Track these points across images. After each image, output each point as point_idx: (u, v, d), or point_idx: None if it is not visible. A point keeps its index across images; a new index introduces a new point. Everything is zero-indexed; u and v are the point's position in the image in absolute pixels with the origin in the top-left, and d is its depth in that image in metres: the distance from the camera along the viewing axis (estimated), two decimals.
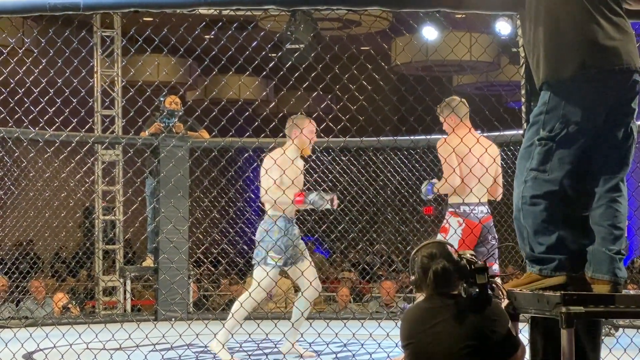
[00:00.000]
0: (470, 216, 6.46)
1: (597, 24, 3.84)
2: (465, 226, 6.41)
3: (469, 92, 17.26)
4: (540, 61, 3.95)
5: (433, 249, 3.84)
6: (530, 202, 3.90)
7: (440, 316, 3.71)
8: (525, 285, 3.90)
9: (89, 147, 10.05)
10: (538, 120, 3.94)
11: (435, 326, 3.70)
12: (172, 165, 8.78)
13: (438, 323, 3.70)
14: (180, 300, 9.81)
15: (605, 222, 3.89)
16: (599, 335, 4.12)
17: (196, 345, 6.65)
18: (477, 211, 6.47)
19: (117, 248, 11.25)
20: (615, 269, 3.84)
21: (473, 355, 3.63)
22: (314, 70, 5.98)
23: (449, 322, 3.69)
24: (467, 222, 6.44)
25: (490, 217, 6.61)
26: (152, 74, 12.46)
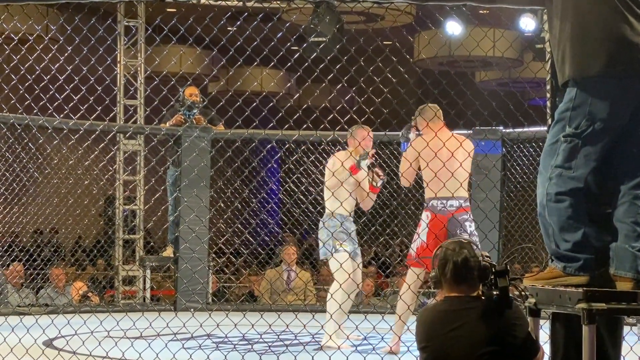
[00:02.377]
0: (440, 210, 6.71)
1: (625, 20, 3.82)
2: (432, 219, 6.72)
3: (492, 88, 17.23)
4: (566, 57, 3.93)
5: (457, 244, 3.81)
6: (555, 199, 3.89)
7: (460, 319, 3.66)
8: (547, 280, 3.89)
9: (112, 136, 10.09)
10: (564, 117, 3.92)
11: (455, 330, 3.64)
12: (194, 155, 8.79)
13: (457, 327, 3.64)
14: (200, 290, 9.84)
15: (628, 220, 3.88)
16: (620, 332, 4.11)
17: (216, 335, 6.68)
18: (448, 205, 6.69)
19: (138, 237, 11.29)
20: (638, 267, 3.82)
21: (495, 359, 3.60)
22: (337, 63, 5.98)
23: (469, 325, 3.64)
24: (437, 215, 6.71)
25: (463, 210, 6.74)
26: (176, 64, 12.49)
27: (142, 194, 11.15)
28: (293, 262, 11.00)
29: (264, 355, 6.07)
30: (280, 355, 5.79)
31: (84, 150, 8.66)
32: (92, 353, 5.75)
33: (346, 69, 5.96)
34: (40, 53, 6.23)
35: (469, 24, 12.01)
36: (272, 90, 16.29)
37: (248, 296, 11.31)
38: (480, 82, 18.06)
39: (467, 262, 3.72)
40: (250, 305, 10.35)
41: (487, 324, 3.62)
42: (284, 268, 10.99)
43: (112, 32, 10.39)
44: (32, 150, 10.10)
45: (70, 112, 6.57)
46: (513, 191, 10.69)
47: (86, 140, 7.43)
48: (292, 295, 10.80)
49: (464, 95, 6.47)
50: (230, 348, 6.53)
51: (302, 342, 6.66)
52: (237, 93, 6.36)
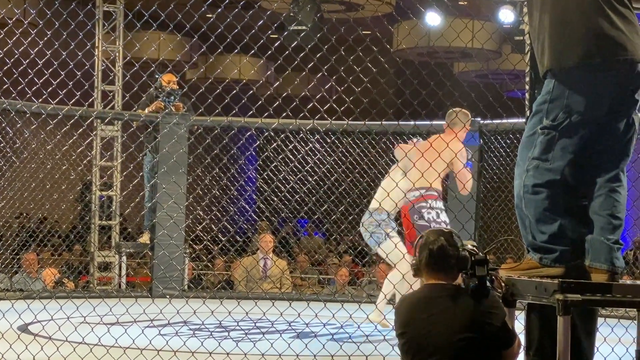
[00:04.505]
0: (405, 202, 7.35)
1: (604, 13, 3.84)
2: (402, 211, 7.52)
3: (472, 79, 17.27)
4: (545, 49, 3.95)
5: (437, 233, 3.85)
6: (532, 190, 3.91)
7: (437, 306, 3.70)
8: (524, 271, 3.92)
9: (90, 122, 10.03)
10: (541, 109, 3.94)
11: (432, 316, 3.69)
12: (172, 142, 8.78)
13: (435, 313, 3.69)
14: (177, 277, 9.83)
15: (604, 212, 3.91)
16: (594, 324, 4.14)
17: (192, 322, 6.68)
18: (410, 196, 7.23)
19: (114, 224, 11.26)
20: (613, 259, 3.86)
21: (469, 347, 3.63)
22: (317, 52, 5.98)
23: (446, 312, 3.68)
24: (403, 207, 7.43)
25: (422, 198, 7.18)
26: (155, 50, 12.44)
27: (119, 180, 11.11)
28: (270, 251, 11.01)
29: (241, 342, 6.08)
30: (257, 342, 5.79)
31: (61, 135, 8.61)
32: (68, 338, 5.74)
33: (326, 58, 5.96)
34: (19, 37, 6.19)
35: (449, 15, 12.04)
36: (252, 78, 16.24)
37: (224, 283, 11.32)
38: (460, 73, 18.08)
39: (444, 250, 3.76)
40: (227, 292, 10.35)
41: (464, 312, 3.66)
42: (260, 256, 10.99)
43: (91, 17, 10.34)
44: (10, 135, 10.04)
45: (49, 97, 6.53)
46: (490, 182, 10.74)
47: (64, 126, 7.39)
48: (269, 283, 10.81)
49: (443, 86, 6.50)
50: (207, 335, 6.53)
51: (279, 330, 6.67)
52: (216, 80, 6.33)
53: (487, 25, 12.97)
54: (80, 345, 5.62)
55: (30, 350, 5.46)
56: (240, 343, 5.91)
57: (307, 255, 13.89)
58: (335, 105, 6.16)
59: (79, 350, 5.43)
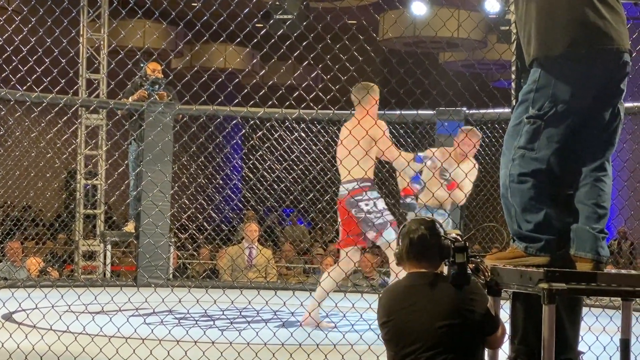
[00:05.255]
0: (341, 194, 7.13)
1: (590, 3, 3.84)
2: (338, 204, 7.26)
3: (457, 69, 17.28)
4: (531, 38, 3.95)
5: (420, 222, 3.86)
6: (517, 180, 3.91)
7: (420, 294, 3.72)
8: (509, 260, 3.92)
9: (74, 110, 9.99)
10: (527, 98, 3.94)
11: (415, 304, 3.70)
12: (158, 130, 8.76)
13: (417, 301, 3.70)
14: (162, 266, 9.82)
15: (589, 201, 3.91)
16: (579, 313, 4.16)
17: (177, 311, 6.67)
18: (346, 188, 6.99)
19: (99, 212, 11.23)
20: (598, 248, 3.86)
21: (451, 333, 3.64)
22: (303, 40, 5.96)
23: (428, 299, 3.69)
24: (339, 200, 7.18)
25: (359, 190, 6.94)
26: (140, 38, 12.38)
27: (104, 169, 11.08)
28: (255, 240, 11.00)
29: (226, 331, 6.07)
30: (242, 331, 5.79)
31: (46, 123, 8.57)
32: (52, 327, 5.72)
33: (312, 47, 5.95)
34: (4, 24, 6.15)
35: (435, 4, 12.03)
36: (237, 67, 16.21)
37: (209, 272, 11.31)
38: (446, 63, 18.09)
39: (425, 239, 3.77)
40: (212, 281, 10.34)
41: (445, 299, 3.68)
42: (245, 245, 10.99)
43: (76, 4, 10.29)
44: None
45: (33, 85, 6.50)
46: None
47: (49, 114, 7.36)
48: (254, 272, 10.80)
49: (429, 75, 6.49)
50: (192, 324, 6.53)
51: (264, 319, 6.66)
52: (202, 69, 6.31)
53: (473, 14, 12.99)
54: (64, 334, 5.61)
55: (15, 339, 5.44)
56: (225, 332, 5.91)
57: (292, 244, 13.89)
58: (321, 94, 6.14)
59: (63, 339, 5.41)
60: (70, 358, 5.14)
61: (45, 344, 5.37)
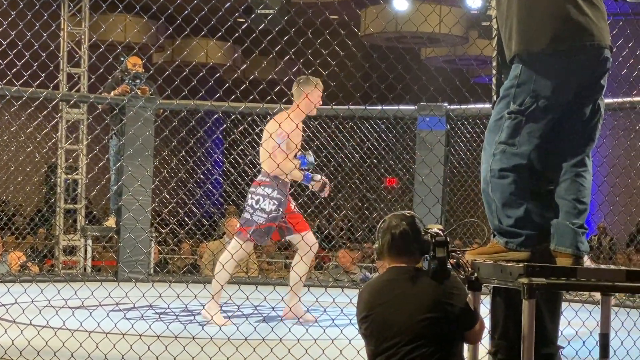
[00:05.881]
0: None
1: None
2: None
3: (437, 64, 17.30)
4: (512, 34, 3.95)
5: (400, 216, 3.87)
6: (498, 175, 3.92)
7: (399, 288, 3.73)
8: (489, 255, 3.93)
9: (55, 104, 9.94)
10: (509, 93, 3.95)
11: (394, 298, 3.71)
12: (139, 125, 8.72)
13: (397, 295, 3.71)
14: (143, 261, 9.79)
15: (569, 196, 3.93)
16: (559, 307, 4.18)
17: (158, 306, 6.65)
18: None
19: (80, 207, 11.18)
20: (577, 243, 3.88)
21: (432, 327, 3.65)
22: (284, 35, 5.95)
23: (406, 294, 3.71)
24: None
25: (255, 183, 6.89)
26: (121, 32, 12.33)
27: (84, 163, 11.03)
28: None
29: (206, 326, 6.06)
30: (222, 326, 5.79)
31: (26, 117, 8.53)
32: (32, 322, 5.69)
33: (293, 42, 5.94)
34: None
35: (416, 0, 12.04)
36: (219, 62, 16.17)
37: (190, 267, 11.28)
38: (427, 59, 18.12)
39: (406, 235, 3.78)
40: (193, 276, 10.32)
41: (424, 293, 3.69)
42: (226, 240, 10.96)
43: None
44: None
45: (13, 79, 6.46)
46: (457, 167, 10.79)
47: (28, 108, 7.31)
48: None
49: (411, 70, 6.50)
50: (172, 319, 6.52)
51: (245, 314, 6.67)
52: (184, 64, 6.28)
53: (455, 10, 13.02)
54: (44, 329, 5.58)
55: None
56: (205, 327, 5.90)
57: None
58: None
59: (43, 334, 5.39)
60: (50, 353, 5.12)
61: (25, 339, 5.34)
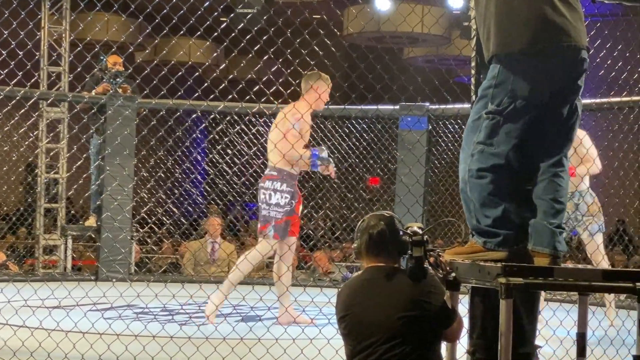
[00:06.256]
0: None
1: (548, 0, 3.86)
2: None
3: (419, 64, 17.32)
4: (490, 34, 3.96)
5: (379, 217, 3.88)
6: (476, 175, 3.92)
7: (377, 288, 3.74)
8: (468, 254, 3.93)
9: (35, 103, 9.89)
10: (487, 94, 3.95)
11: (373, 297, 3.72)
12: (118, 123, 8.69)
13: (375, 294, 3.73)
14: (122, 260, 9.75)
15: (547, 196, 3.93)
16: (537, 307, 4.18)
17: (136, 305, 6.63)
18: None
19: (60, 206, 11.12)
20: (555, 243, 3.88)
21: (409, 325, 3.65)
22: (265, 34, 5.94)
23: (386, 292, 3.72)
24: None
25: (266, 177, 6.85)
26: (100, 31, 12.27)
27: (64, 162, 10.97)
28: (217, 234, 10.95)
29: (185, 325, 6.04)
30: (201, 326, 5.77)
31: (4, 116, 8.47)
32: (8, 322, 5.66)
33: (273, 41, 5.92)
34: None
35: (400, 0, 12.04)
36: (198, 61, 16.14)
37: (170, 267, 11.25)
38: (409, 59, 18.13)
39: (383, 234, 3.80)
40: (173, 276, 10.29)
41: (401, 292, 3.70)
42: (208, 240, 10.94)
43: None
44: None
45: None
46: (438, 167, 10.80)
47: (6, 106, 7.27)
48: (216, 266, 10.76)
49: (391, 70, 6.50)
50: (150, 318, 6.49)
51: (223, 313, 6.64)
52: (162, 62, 6.25)
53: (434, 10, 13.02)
54: (20, 329, 5.55)
55: None
56: (184, 326, 5.88)
57: (255, 239, 13.84)
58: (282, 88, 6.13)
59: (19, 334, 5.36)
60: (26, 353, 5.09)
61: (1, 338, 5.31)
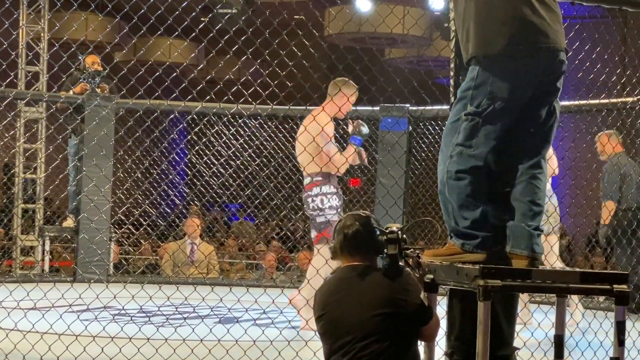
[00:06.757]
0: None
1: (527, 1, 3.87)
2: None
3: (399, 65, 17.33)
4: (469, 35, 3.95)
5: (355, 216, 3.89)
6: (455, 176, 3.91)
7: (350, 286, 3.76)
8: (446, 256, 3.92)
9: (12, 103, 9.82)
10: (466, 95, 3.95)
11: (347, 295, 3.74)
12: (95, 124, 8.64)
13: (350, 293, 3.75)
14: (100, 261, 9.69)
15: (525, 199, 3.93)
16: (514, 309, 4.18)
17: (113, 307, 6.59)
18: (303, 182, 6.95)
19: (37, 207, 11.05)
20: (533, 245, 3.88)
21: (384, 323, 3.66)
22: (244, 34, 5.91)
23: (360, 290, 3.73)
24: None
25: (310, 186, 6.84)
26: (78, 30, 12.20)
27: (41, 162, 10.90)
28: (196, 235, 10.91)
29: (162, 327, 6.00)
30: (178, 327, 5.73)
31: None
32: None
33: (252, 42, 5.90)
34: None
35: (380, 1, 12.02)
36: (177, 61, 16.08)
37: (149, 268, 11.20)
38: (388, 59, 18.13)
39: (358, 234, 3.81)
40: (150, 277, 10.24)
41: (375, 290, 3.72)
42: (187, 241, 10.90)
43: None
44: None
45: None
46: (418, 168, 10.80)
47: None
48: (195, 267, 10.72)
49: (371, 71, 6.48)
50: (127, 320, 6.44)
51: (201, 315, 6.60)
52: (141, 62, 6.21)
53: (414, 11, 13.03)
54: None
55: None
56: (161, 328, 5.84)
57: (235, 240, 13.82)
58: (260, 89, 6.10)
59: None
60: (1, 355, 5.04)
61: None
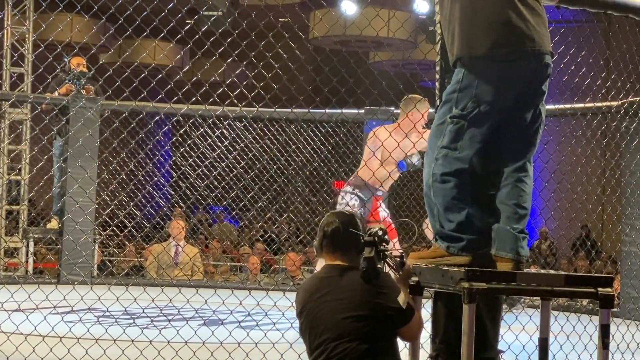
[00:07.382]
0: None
1: (512, 4, 3.88)
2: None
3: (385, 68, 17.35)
4: (455, 38, 3.96)
5: (337, 214, 3.94)
6: (440, 179, 3.92)
7: (331, 285, 3.79)
8: (431, 259, 3.93)
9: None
10: (451, 98, 3.95)
11: (326, 295, 3.77)
12: (80, 125, 8.61)
13: (328, 292, 3.77)
14: (84, 263, 9.66)
15: (510, 201, 3.94)
16: (499, 312, 4.19)
17: (98, 309, 6.56)
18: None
19: (21, 208, 11.00)
20: (518, 248, 3.89)
21: (358, 325, 3.69)
22: (230, 37, 5.90)
23: (337, 290, 3.76)
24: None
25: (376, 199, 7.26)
26: (64, 32, 12.17)
27: (26, 164, 10.86)
28: (181, 237, 10.88)
29: (146, 329, 5.98)
30: (163, 329, 5.71)
31: None
32: None
33: (237, 44, 5.90)
34: None
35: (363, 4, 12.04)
36: (162, 63, 16.08)
37: (133, 270, 11.16)
38: (374, 63, 18.16)
39: (337, 232, 3.85)
40: (135, 279, 10.21)
41: (352, 291, 3.74)
42: (171, 243, 10.87)
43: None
44: None
45: None
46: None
47: None
48: (179, 270, 10.69)
49: (356, 74, 6.49)
50: (111, 322, 6.42)
51: (185, 317, 6.59)
52: (126, 64, 6.19)
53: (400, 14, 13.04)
54: None
55: None
56: (145, 330, 5.82)
57: (220, 242, 13.80)
58: (246, 91, 6.10)
59: None
60: None
61: None
